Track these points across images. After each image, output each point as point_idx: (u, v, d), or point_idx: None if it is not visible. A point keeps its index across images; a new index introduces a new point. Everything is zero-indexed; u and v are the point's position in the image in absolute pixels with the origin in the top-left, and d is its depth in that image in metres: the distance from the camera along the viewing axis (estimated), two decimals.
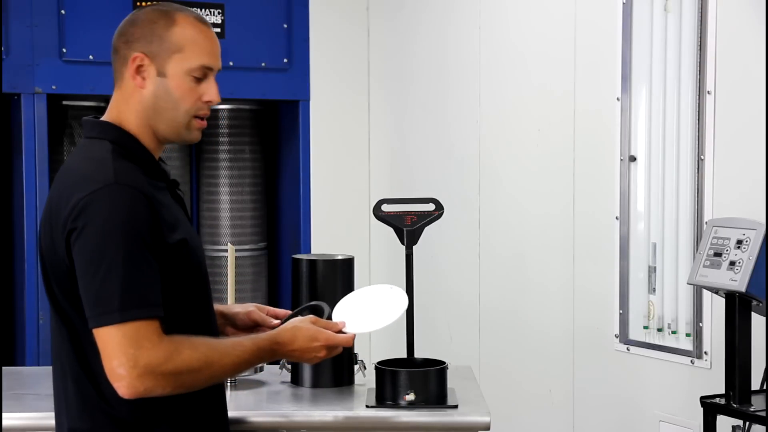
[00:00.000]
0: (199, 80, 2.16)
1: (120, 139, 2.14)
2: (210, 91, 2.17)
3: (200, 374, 2.04)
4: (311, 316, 2.28)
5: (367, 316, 2.33)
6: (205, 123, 2.21)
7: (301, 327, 2.21)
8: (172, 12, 2.16)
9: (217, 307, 2.39)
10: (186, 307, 2.15)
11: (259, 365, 2.97)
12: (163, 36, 2.13)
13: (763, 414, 2.91)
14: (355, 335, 2.27)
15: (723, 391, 3.05)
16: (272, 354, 2.17)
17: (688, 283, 3.19)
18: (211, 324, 2.24)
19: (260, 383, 2.96)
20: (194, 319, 2.17)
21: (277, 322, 2.40)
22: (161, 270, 2.06)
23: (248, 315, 2.43)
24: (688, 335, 3.62)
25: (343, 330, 2.27)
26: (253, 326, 2.43)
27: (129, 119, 2.16)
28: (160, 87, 2.14)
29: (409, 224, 3.08)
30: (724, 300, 3.05)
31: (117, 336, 1.97)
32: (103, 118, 2.20)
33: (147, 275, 2.00)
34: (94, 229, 1.99)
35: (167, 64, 2.14)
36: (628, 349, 3.83)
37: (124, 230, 1.99)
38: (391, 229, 3.13)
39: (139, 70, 2.14)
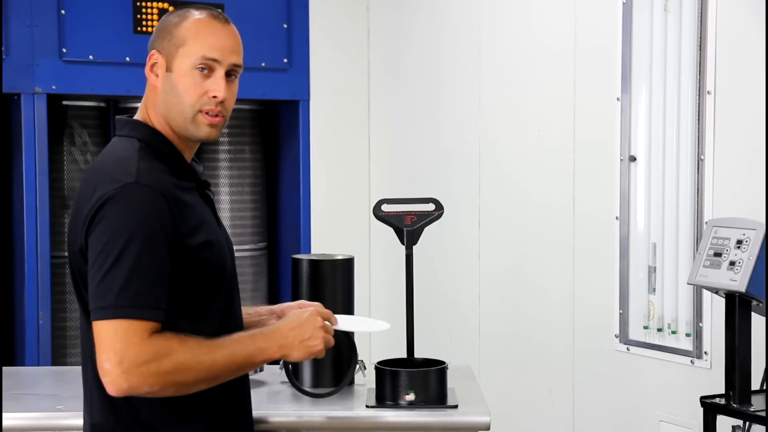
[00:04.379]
0: (206, 76, 2.17)
1: (149, 137, 2.18)
2: (214, 85, 2.17)
3: (190, 373, 2.02)
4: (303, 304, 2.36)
5: (353, 323, 2.36)
6: (216, 120, 2.19)
7: (298, 312, 2.22)
8: (188, 11, 2.21)
9: (267, 307, 2.43)
10: (207, 309, 2.15)
11: (260, 366, 2.97)
12: (172, 32, 2.18)
13: (763, 414, 2.91)
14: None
15: (723, 391, 3.05)
16: (270, 341, 2.13)
17: (688, 283, 3.19)
18: (235, 326, 2.23)
19: (260, 383, 2.96)
20: (216, 322, 2.16)
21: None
22: (181, 272, 2.07)
23: (300, 305, 2.43)
24: (688, 335, 3.62)
25: (335, 327, 2.28)
26: None
27: (153, 117, 2.21)
28: (167, 82, 2.18)
29: (409, 224, 3.08)
30: (724, 300, 3.05)
31: (108, 331, 1.98)
32: (135, 117, 2.23)
33: (151, 276, 2.01)
34: (107, 225, 2.02)
35: (174, 59, 2.17)
36: (628, 349, 3.83)
37: (136, 230, 2.01)
38: (391, 229, 3.13)
39: (153, 67, 2.19)
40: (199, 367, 2.03)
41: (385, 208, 3.12)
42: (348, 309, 2.95)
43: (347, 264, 2.99)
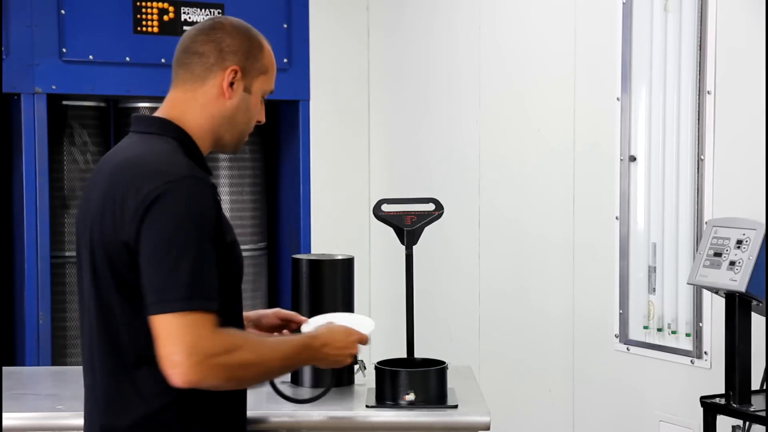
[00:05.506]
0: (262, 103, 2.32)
1: (181, 137, 2.20)
2: (263, 112, 2.33)
3: (252, 369, 2.08)
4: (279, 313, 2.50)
5: (352, 324, 2.39)
6: None
7: (332, 327, 2.32)
8: (257, 34, 2.30)
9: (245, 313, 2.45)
10: (228, 307, 2.17)
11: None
12: (257, 56, 2.27)
13: (763, 414, 2.91)
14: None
15: (723, 391, 3.05)
16: (312, 352, 2.23)
17: (688, 283, 3.19)
18: (242, 324, 2.29)
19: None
20: (232, 318, 2.19)
21: (304, 318, 2.50)
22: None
23: (276, 313, 2.51)
24: (688, 335, 3.62)
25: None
26: (279, 326, 2.50)
27: (195, 121, 2.23)
28: (243, 102, 2.25)
29: (409, 224, 3.07)
30: (724, 300, 3.05)
31: (177, 324, 1.99)
32: (161, 115, 2.24)
33: (211, 268, 2.05)
34: (167, 218, 2.03)
35: (254, 83, 2.27)
36: (628, 349, 3.83)
37: (196, 222, 2.04)
38: (391, 229, 3.13)
39: (232, 82, 2.23)
40: (260, 366, 2.09)
41: (385, 208, 3.12)
42: (348, 309, 2.94)
43: (347, 264, 2.99)
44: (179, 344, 1.98)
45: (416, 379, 2.71)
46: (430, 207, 3.12)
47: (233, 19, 2.29)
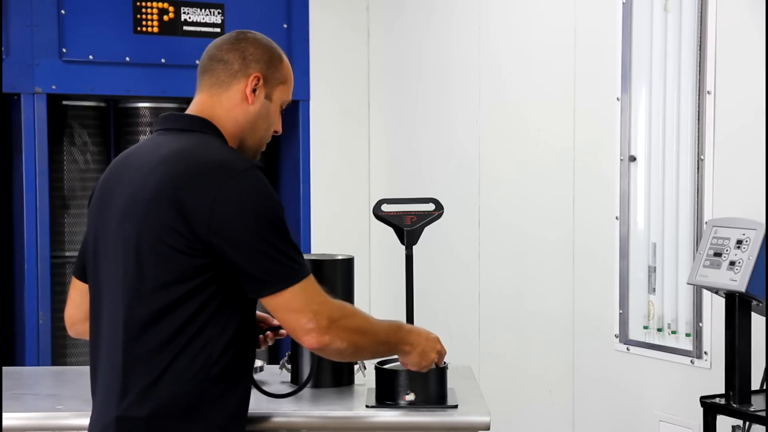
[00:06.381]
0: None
1: (221, 136, 2.31)
2: (280, 122, 2.42)
3: (366, 337, 2.25)
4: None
5: None
6: None
7: (426, 330, 2.49)
8: (277, 47, 2.40)
9: None
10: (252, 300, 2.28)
11: (260, 365, 2.98)
12: (278, 66, 2.37)
13: (763, 414, 2.91)
14: None
15: (723, 391, 3.05)
16: (403, 334, 2.39)
17: (688, 283, 3.19)
18: (254, 322, 2.37)
19: (260, 383, 2.95)
20: (251, 313, 2.29)
21: (275, 321, 2.52)
22: None
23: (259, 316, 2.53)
24: (688, 335, 3.62)
25: None
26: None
27: (225, 124, 2.33)
28: (264, 108, 2.35)
29: (409, 224, 3.07)
30: (724, 300, 3.05)
31: (299, 295, 2.17)
32: (196, 115, 2.33)
33: (293, 240, 2.23)
34: (257, 204, 2.17)
35: (274, 91, 2.37)
36: (628, 349, 3.83)
37: (274, 204, 2.20)
38: (391, 229, 3.13)
39: (255, 88, 2.33)
40: (372, 335, 2.28)
41: (385, 208, 3.12)
42: None
43: (347, 264, 2.98)
44: (308, 312, 2.17)
45: (416, 379, 2.71)
46: (430, 207, 3.12)
47: (256, 33, 2.41)
